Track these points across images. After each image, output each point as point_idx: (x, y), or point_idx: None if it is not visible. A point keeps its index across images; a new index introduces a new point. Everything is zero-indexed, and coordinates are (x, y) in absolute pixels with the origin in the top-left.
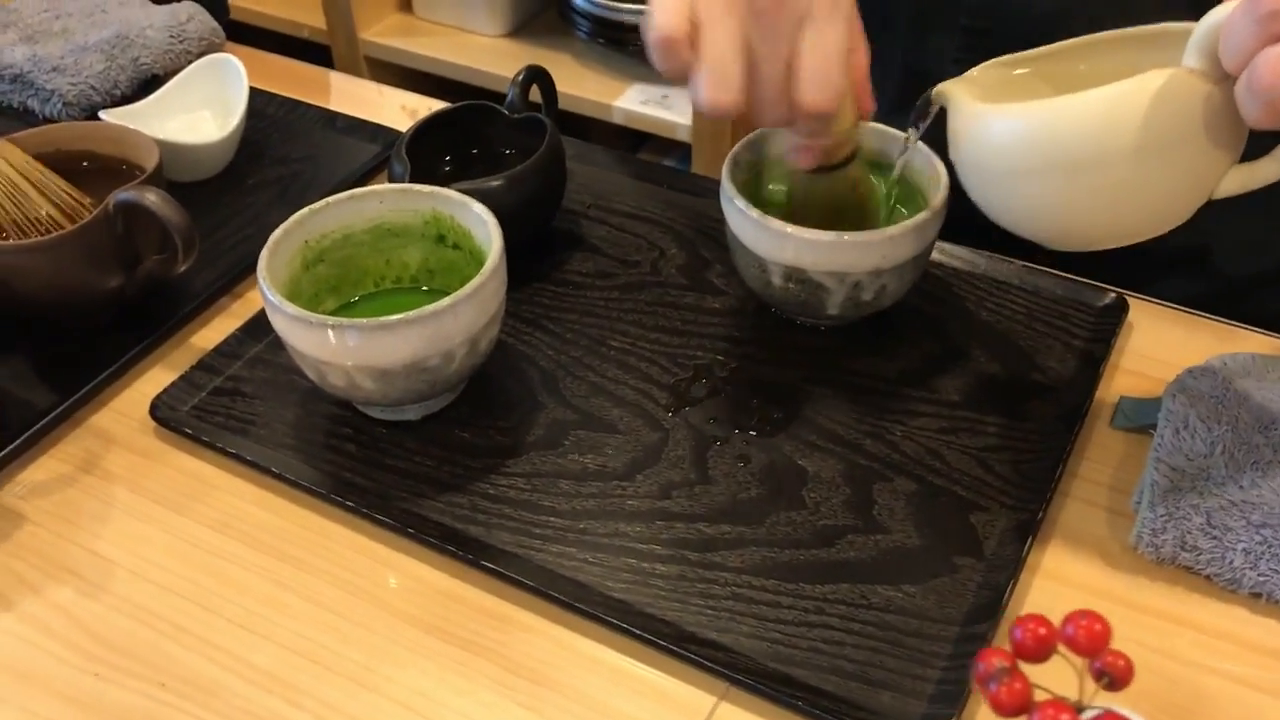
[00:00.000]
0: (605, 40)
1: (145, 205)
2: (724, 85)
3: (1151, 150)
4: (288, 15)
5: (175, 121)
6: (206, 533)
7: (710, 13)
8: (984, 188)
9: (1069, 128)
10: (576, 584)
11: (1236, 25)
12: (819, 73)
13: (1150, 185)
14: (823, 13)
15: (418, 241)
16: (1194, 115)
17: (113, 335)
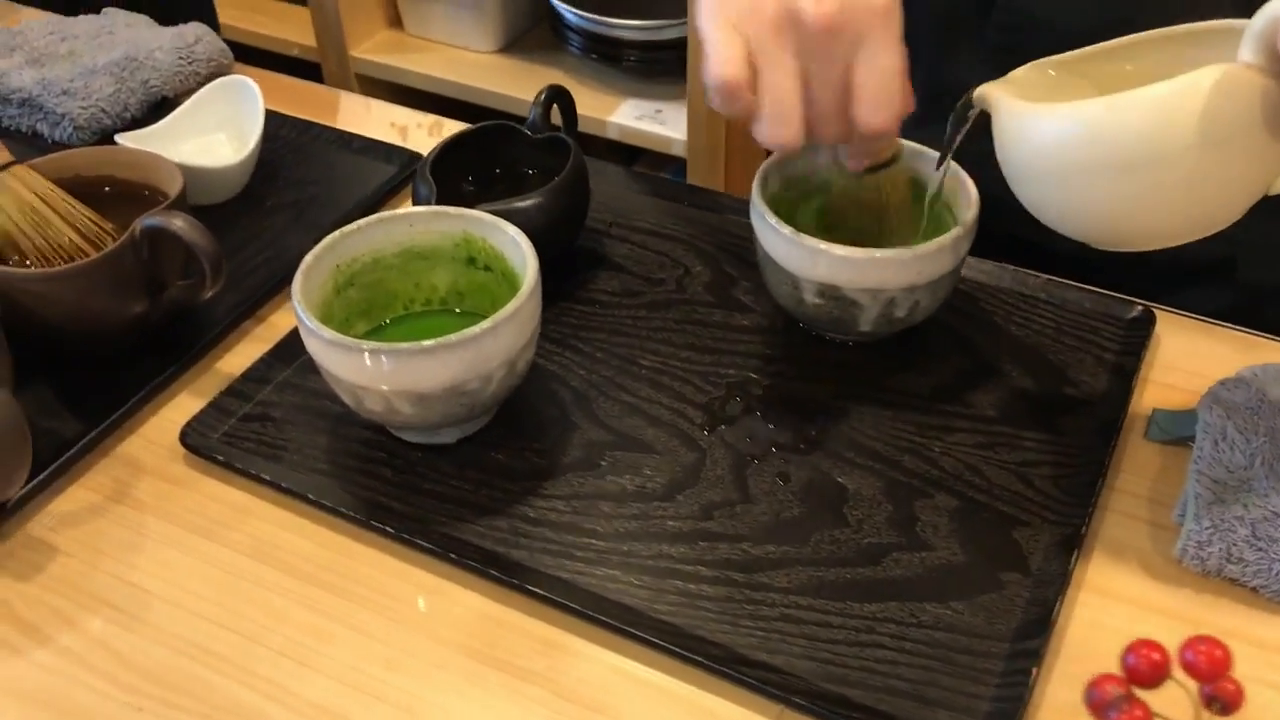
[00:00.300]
0: (598, 56)
1: (172, 230)
2: (786, 123)
3: (1208, 147)
4: (277, 33)
5: (190, 144)
6: (243, 560)
7: (766, 53)
8: (1035, 188)
9: (1125, 125)
10: (624, 607)
11: None
12: (880, 94)
13: (1206, 183)
14: (877, 34)
15: (447, 264)
16: (1251, 110)
17: (137, 362)
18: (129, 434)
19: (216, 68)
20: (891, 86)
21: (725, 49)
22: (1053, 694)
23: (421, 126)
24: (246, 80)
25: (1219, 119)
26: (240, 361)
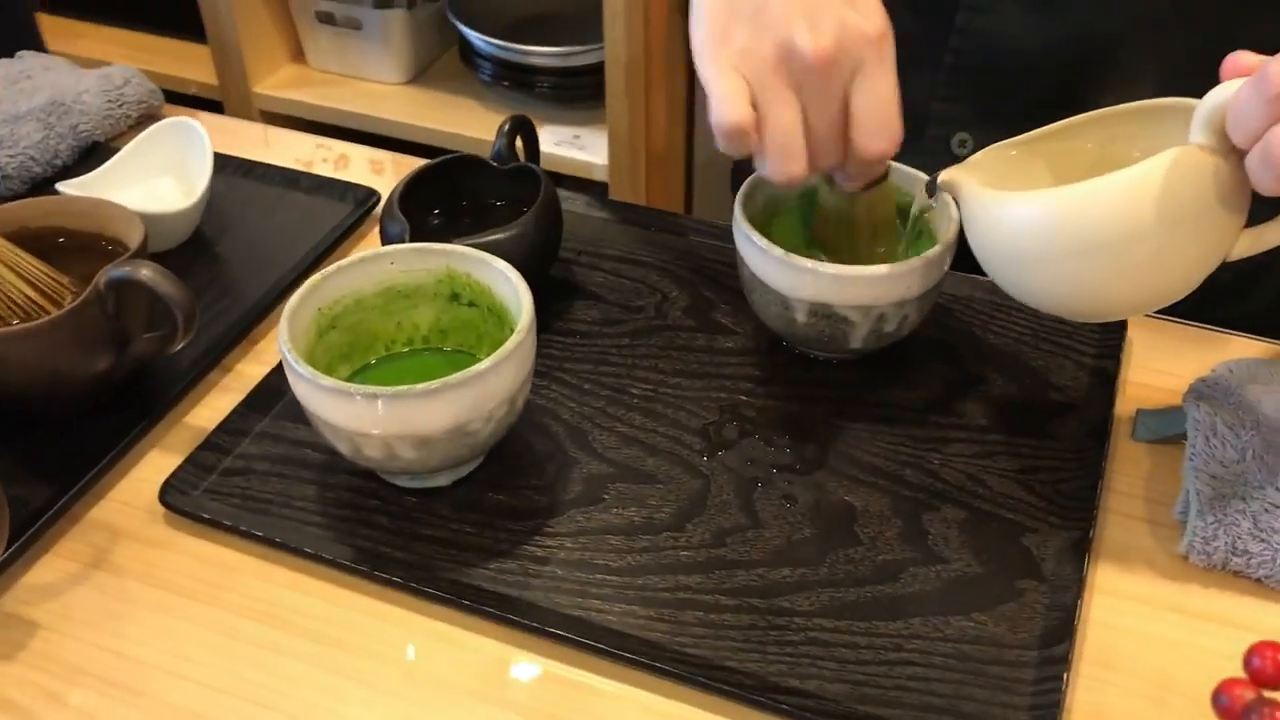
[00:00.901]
0: (510, 83)
1: (140, 281)
2: (792, 159)
3: (1170, 226)
4: (174, 71)
5: (135, 190)
6: (241, 622)
7: (768, 92)
8: (1006, 270)
9: (1092, 211)
10: (647, 643)
11: (1245, 105)
12: (878, 122)
13: (1169, 259)
14: (872, 62)
15: (429, 301)
16: (1207, 188)
17: (103, 421)
18: (101, 497)
19: (147, 109)
20: (890, 112)
21: (729, 93)
22: (1083, 698)
23: (305, 161)
24: (191, 122)
25: (1178, 199)
26: (210, 414)
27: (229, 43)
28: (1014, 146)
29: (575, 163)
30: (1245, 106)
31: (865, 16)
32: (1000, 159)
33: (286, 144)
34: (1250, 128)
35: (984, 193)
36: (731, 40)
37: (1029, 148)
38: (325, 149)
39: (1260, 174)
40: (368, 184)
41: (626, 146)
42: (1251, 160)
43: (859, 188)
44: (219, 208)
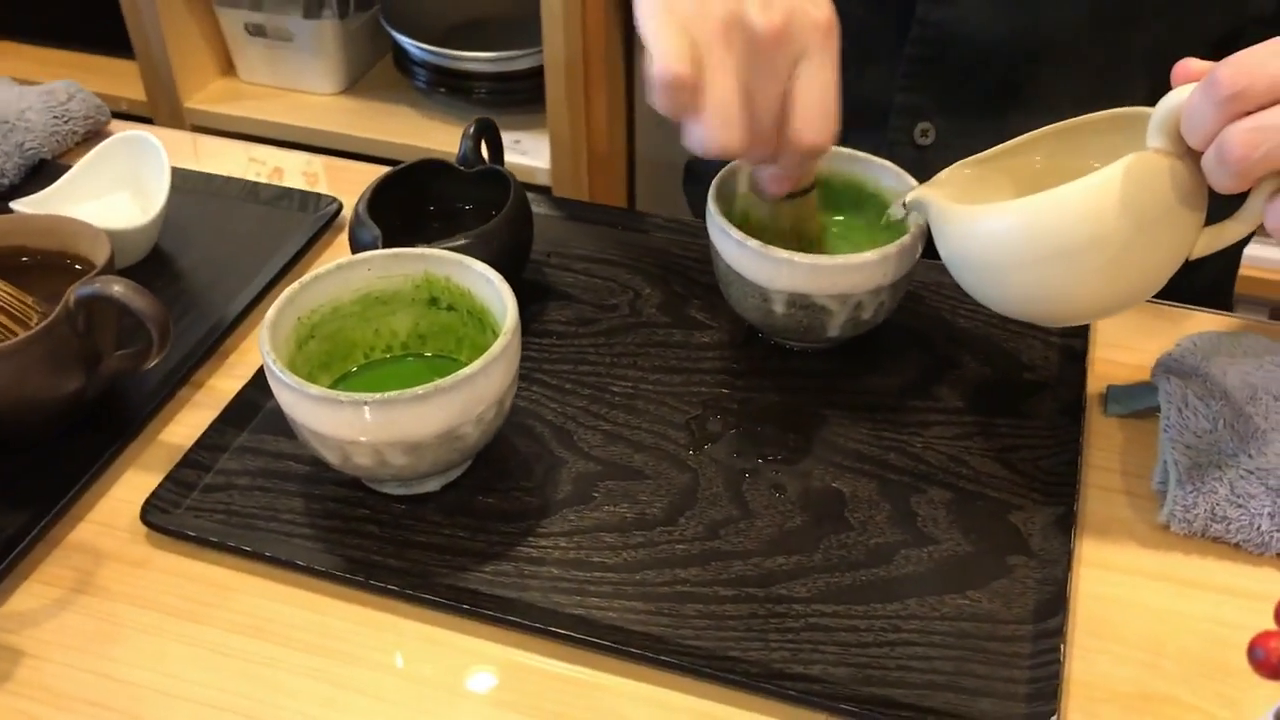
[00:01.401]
0: (446, 89)
1: (112, 297)
2: (728, 127)
3: (1134, 228)
4: (102, 89)
5: (91, 206)
6: (235, 639)
7: (712, 52)
8: (978, 281)
9: (1058, 218)
10: (651, 637)
11: (1197, 108)
12: (817, 111)
13: (1136, 260)
14: (818, 50)
15: (407, 307)
16: (1166, 190)
17: (76, 442)
18: (80, 520)
19: (94, 125)
20: (829, 104)
21: (673, 45)
22: (1078, 668)
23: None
24: (147, 135)
25: (1139, 202)
26: (186, 431)
27: (157, 58)
28: (974, 165)
29: (517, 167)
30: (1197, 110)
31: (815, 4)
32: (962, 176)
33: (217, 155)
34: (1204, 130)
35: (951, 208)
36: (679, 4)
37: (990, 164)
38: (259, 162)
39: (1216, 174)
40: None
41: (568, 149)
42: (1207, 161)
43: (783, 194)
44: (177, 222)
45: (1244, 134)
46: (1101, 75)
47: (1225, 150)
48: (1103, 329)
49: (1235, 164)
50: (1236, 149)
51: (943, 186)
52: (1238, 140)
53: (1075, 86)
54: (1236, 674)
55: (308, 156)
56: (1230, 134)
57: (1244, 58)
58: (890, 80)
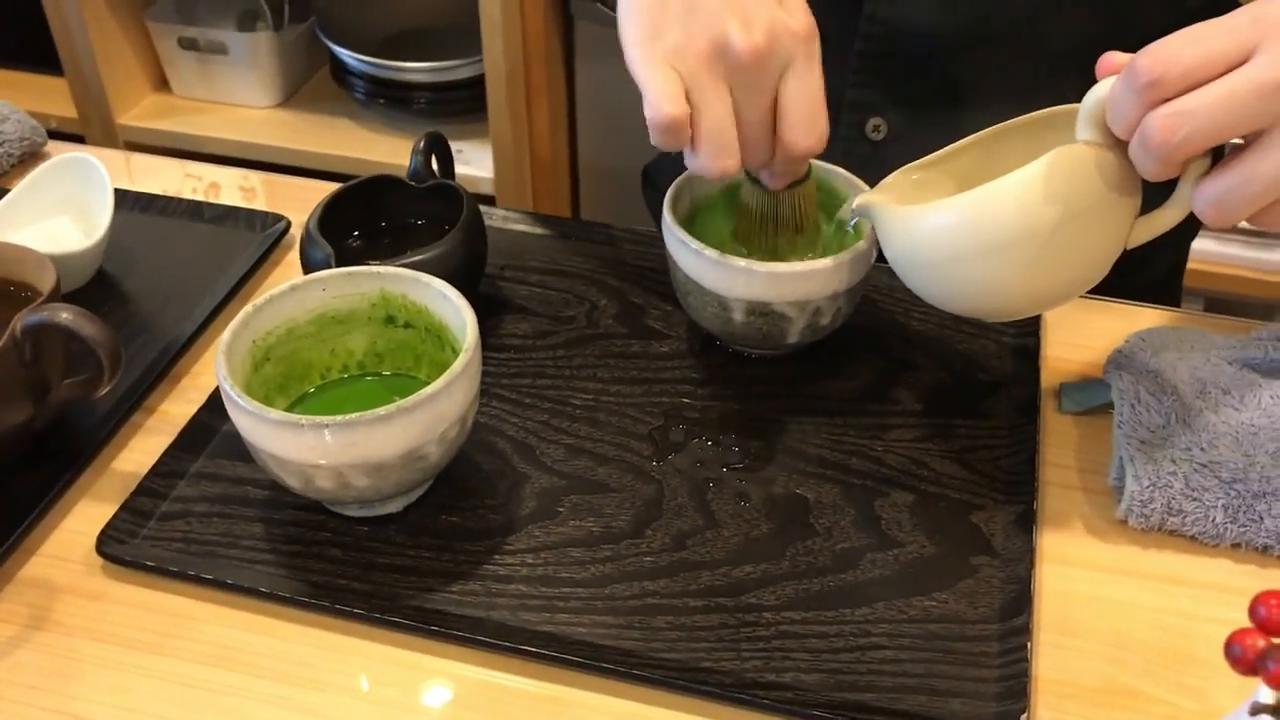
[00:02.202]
0: (385, 100)
1: (60, 325)
2: (726, 154)
3: (1066, 219)
4: (30, 106)
5: (29, 231)
6: (200, 670)
7: (701, 86)
8: (922, 280)
9: (991, 212)
10: (622, 651)
11: (1119, 97)
12: (807, 118)
13: (1071, 250)
14: (801, 58)
15: (364, 326)
16: (1096, 180)
17: (25, 474)
18: (32, 553)
19: (30, 147)
20: (818, 109)
21: (664, 86)
22: (1045, 665)
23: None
24: (87, 157)
25: (1070, 193)
26: (139, 458)
27: (88, 74)
28: (918, 169)
29: (461, 177)
30: (1119, 99)
31: (793, 15)
32: (909, 182)
33: (151, 172)
34: (1127, 118)
35: (893, 209)
36: (664, 36)
37: (934, 168)
38: (194, 177)
39: (1142, 160)
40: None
41: (511, 157)
42: (1133, 149)
43: (783, 186)
44: (120, 244)
45: (1163, 119)
46: (1050, 67)
47: (1146, 136)
48: (1053, 327)
49: (1156, 149)
50: (1156, 134)
51: (888, 191)
52: (1157, 126)
53: (1023, 78)
54: (1198, 664)
55: (244, 172)
56: (1150, 120)
57: (1160, 46)
58: (842, 77)
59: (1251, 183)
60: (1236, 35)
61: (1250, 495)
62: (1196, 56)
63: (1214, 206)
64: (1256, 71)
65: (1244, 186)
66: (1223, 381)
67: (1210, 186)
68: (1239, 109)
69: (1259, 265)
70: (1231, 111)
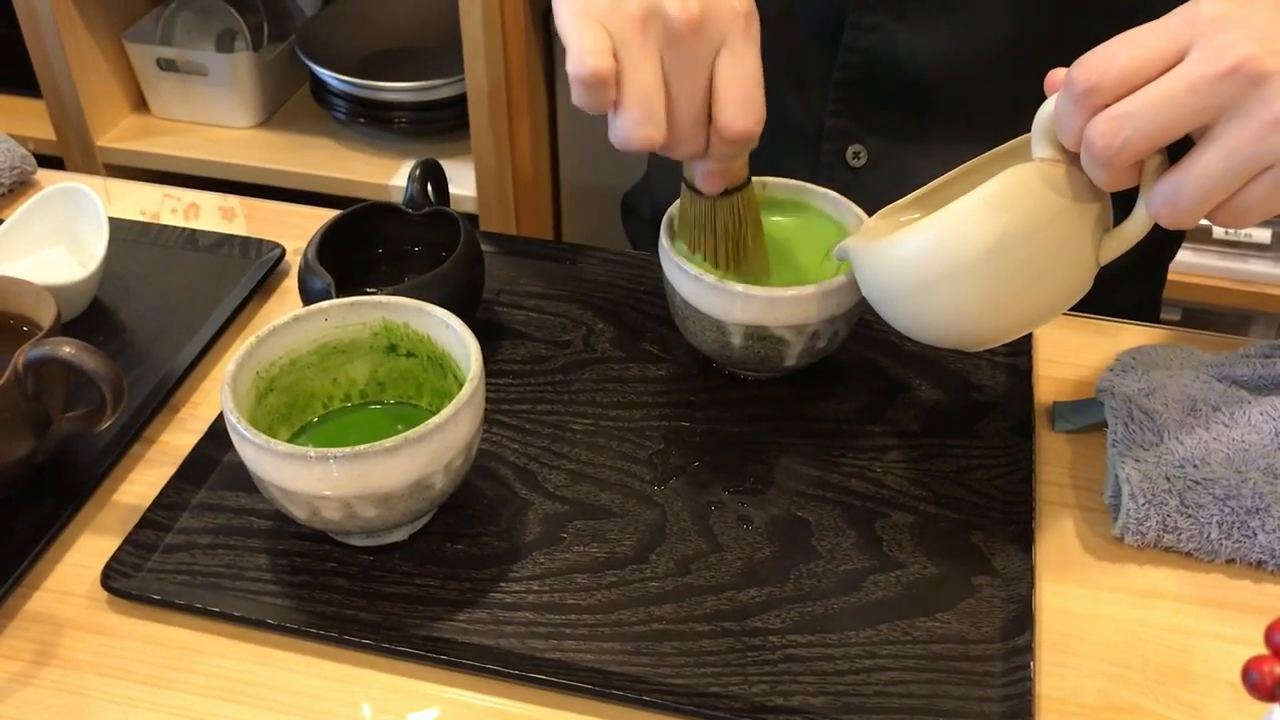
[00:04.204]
0: (366, 120)
1: (62, 359)
2: (649, 120)
3: (1027, 235)
4: (9, 129)
5: (23, 263)
6: (209, 704)
7: (629, 46)
8: (897, 310)
9: (953, 234)
10: (630, 677)
11: (1063, 109)
12: (743, 97)
13: (1037, 268)
14: (738, 37)
15: (365, 355)
16: (1053, 195)
17: (27, 508)
18: (36, 588)
19: (20, 176)
20: (754, 89)
21: (591, 41)
22: (1049, 683)
23: (195, 206)
24: (81, 187)
25: (1030, 209)
26: (142, 490)
27: (66, 95)
28: (900, 210)
29: None
30: (1063, 111)
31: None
32: (890, 224)
33: (130, 196)
34: (1072, 128)
35: (864, 245)
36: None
37: (914, 208)
38: (173, 199)
39: (1092, 169)
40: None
41: (494, 177)
42: (1083, 160)
43: (718, 190)
44: (115, 273)
45: (1104, 124)
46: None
47: (1090, 143)
48: (1043, 346)
49: (1100, 154)
50: (1098, 140)
51: (869, 234)
52: (1099, 131)
53: (1000, 104)
54: (1198, 680)
55: (220, 197)
56: (1092, 127)
57: (1094, 53)
58: (822, 104)
59: (1200, 177)
60: (1170, 35)
61: (1243, 511)
62: (1131, 60)
63: (1167, 205)
64: (1189, 68)
65: (1193, 182)
66: (1213, 399)
67: (1162, 187)
68: (1177, 107)
69: (1235, 275)
70: (1169, 110)
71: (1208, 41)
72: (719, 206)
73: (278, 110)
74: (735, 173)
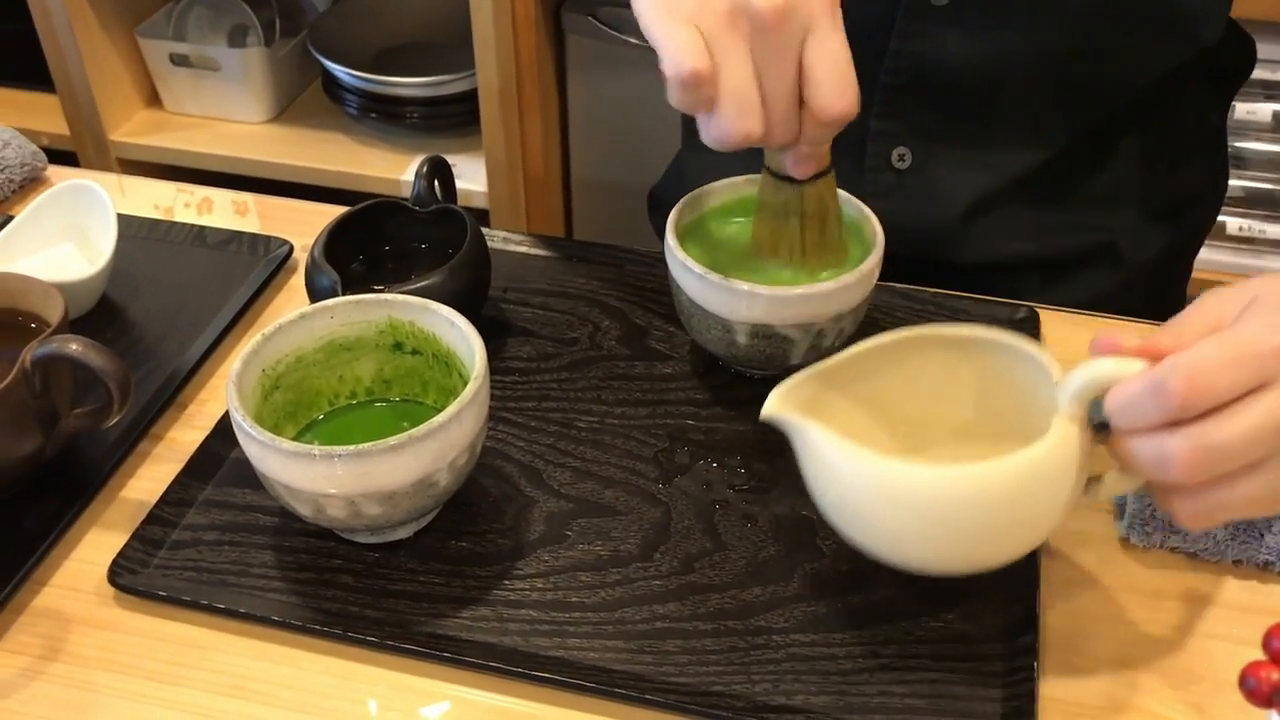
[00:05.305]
0: (378, 115)
1: (70, 356)
2: (747, 115)
3: (1039, 496)
4: (21, 124)
5: (33, 260)
6: (217, 701)
7: (721, 45)
8: (849, 523)
9: (992, 492)
10: (634, 676)
11: (1142, 403)
12: (837, 79)
13: (1026, 523)
14: (825, 22)
15: (371, 352)
16: (1075, 456)
17: (35, 504)
18: (44, 584)
19: (30, 173)
20: (846, 71)
21: (685, 40)
22: (1052, 683)
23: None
24: (90, 184)
25: (1054, 472)
26: (148, 486)
27: (80, 91)
28: (815, 377)
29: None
30: (1142, 404)
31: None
32: (808, 390)
33: (144, 192)
34: (1148, 421)
35: (832, 441)
36: (680, 1)
37: (830, 377)
38: (187, 193)
39: (1158, 480)
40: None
41: (505, 172)
42: (1152, 471)
43: (810, 173)
44: (124, 270)
45: (1192, 451)
46: (1069, 99)
47: (1171, 463)
48: (1048, 345)
49: (1177, 475)
50: (1183, 465)
51: (793, 399)
52: (1187, 459)
53: (1044, 110)
54: (1203, 682)
55: (234, 193)
56: (1179, 452)
57: (1196, 368)
58: (868, 107)
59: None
60: (1262, 364)
61: None
62: (1230, 387)
63: (1193, 520)
64: (1277, 406)
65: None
66: None
67: (1194, 503)
68: (1262, 444)
69: (1250, 272)
70: (1256, 447)
71: None
72: (806, 192)
73: (290, 105)
74: (823, 156)
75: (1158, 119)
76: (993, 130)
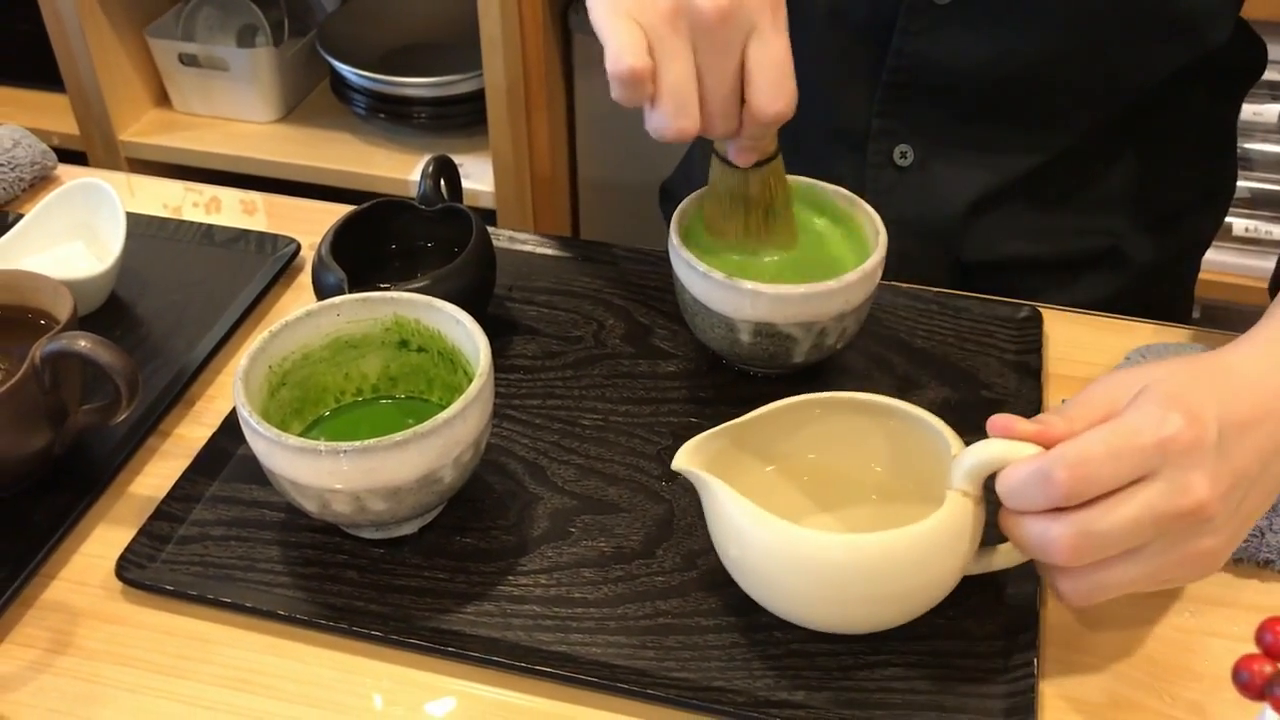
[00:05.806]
0: (386, 115)
1: (79, 353)
2: (684, 112)
3: (930, 564)
4: (32, 123)
5: (43, 257)
6: (223, 694)
7: (662, 40)
8: (761, 589)
9: (890, 558)
10: (635, 671)
11: (1030, 489)
12: (774, 82)
13: (918, 591)
14: (766, 23)
15: (377, 350)
16: (966, 528)
17: (44, 499)
18: (52, 578)
19: (40, 171)
20: (785, 73)
21: (627, 38)
22: (1051, 681)
23: (216, 200)
24: (99, 183)
25: (947, 542)
26: (156, 482)
27: (89, 90)
28: (723, 434)
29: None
30: (1029, 490)
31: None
32: (715, 447)
33: (153, 191)
34: (1034, 504)
35: (736, 500)
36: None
37: (735, 434)
38: (195, 193)
39: (1040, 557)
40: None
41: (512, 172)
42: (1037, 553)
43: (751, 162)
44: (132, 268)
45: (1073, 538)
46: (1072, 99)
47: (1054, 548)
48: (1053, 344)
49: (1059, 558)
50: (1065, 549)
51: (700, 454)
52: (1068, 545)
53: (1045, 109)
54: (1202, 679)
55: (242, 192)
56: (1061, 538)
57: (1080, 460)
58: (869, 105)
59: (1113, 543)
60: (1144, 457)
61: None
62: (1112, 478)
63: (1074, 597)
64: (1155, 500)
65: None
66: None
67: (1075, 582)
68: (1138, 535)
69: (1254, 273)
70: (1131, 536)
71: (1174, 475)
72: (751, 177)
73: (298, 105)
74: (765, 146)
75: (1164, 120)
76: (995, 129)
